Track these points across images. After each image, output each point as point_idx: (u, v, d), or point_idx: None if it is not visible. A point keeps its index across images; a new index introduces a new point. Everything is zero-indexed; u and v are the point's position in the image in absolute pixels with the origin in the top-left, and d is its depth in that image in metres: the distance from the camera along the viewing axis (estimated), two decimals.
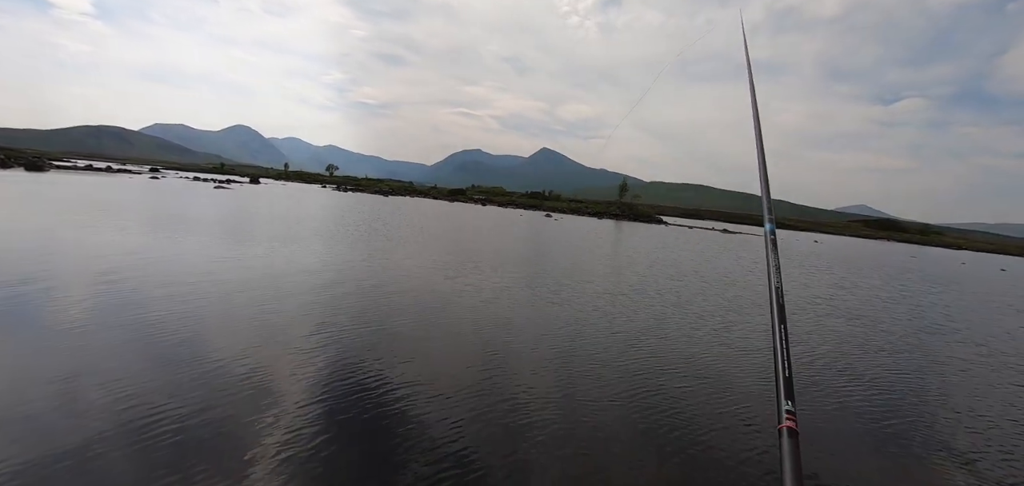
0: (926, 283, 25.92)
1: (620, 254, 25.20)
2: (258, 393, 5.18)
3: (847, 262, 36.37)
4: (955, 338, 11.85)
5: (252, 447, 4.19)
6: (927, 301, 18.50)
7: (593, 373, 6.83)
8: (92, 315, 7.15)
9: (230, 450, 4.13)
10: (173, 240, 14.59)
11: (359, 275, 12.33)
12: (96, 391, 4.87)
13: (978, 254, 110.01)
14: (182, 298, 8.31)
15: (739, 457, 4.83)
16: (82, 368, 5.39)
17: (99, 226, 15.91)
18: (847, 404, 6.66)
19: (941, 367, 9.11)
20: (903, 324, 13.06)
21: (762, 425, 5.58)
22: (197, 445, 4.13)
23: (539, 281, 14.10)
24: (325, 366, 6.11)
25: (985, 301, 20.83)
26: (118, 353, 5.94)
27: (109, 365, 5.53)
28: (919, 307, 16.61)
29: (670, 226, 69.36)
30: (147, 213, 22.05)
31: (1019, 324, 15.13)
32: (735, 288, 16.32)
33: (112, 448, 3.98)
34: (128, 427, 4.27)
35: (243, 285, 9.85)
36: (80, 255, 11.36)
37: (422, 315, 9.15)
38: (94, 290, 8.43)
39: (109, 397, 4.75)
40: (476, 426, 4.94)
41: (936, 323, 13.68)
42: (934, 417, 6.53)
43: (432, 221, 35.24)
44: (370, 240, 19.71)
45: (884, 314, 14.38)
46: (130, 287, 8.75)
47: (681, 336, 9.23)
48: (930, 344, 10.94)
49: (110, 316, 7.16)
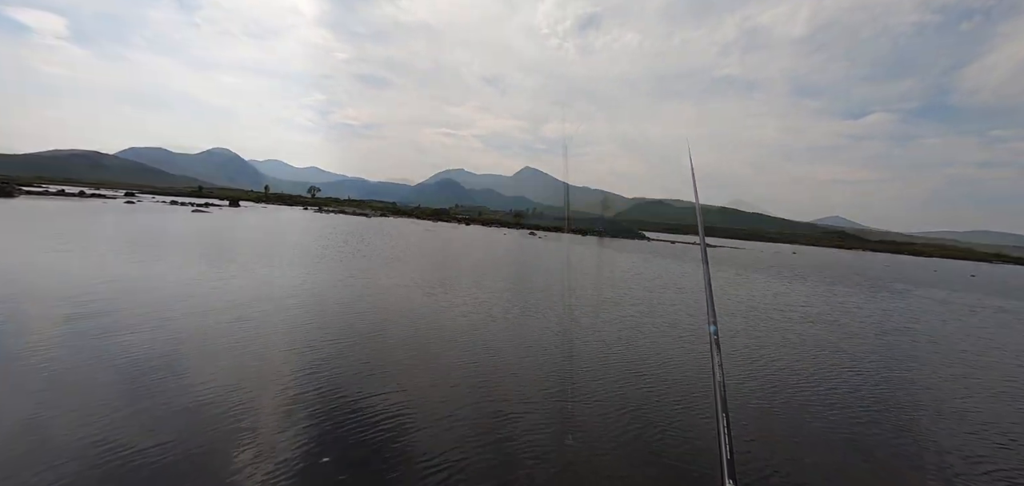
0: (907, 290, 26.66)
1: (603, 269, 25.42)
2: (245, 415, 5.07)
3: (825, 270, 37.16)
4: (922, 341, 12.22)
5: (241, 465, 4.09)
6: (915, 306, 19.01)
7: (587, 389, 6.85)
8: (63, 344, 6.93)
9: (217, 470, 4.03)
10: (149, 266, 14.24)
11: (341, 297, 12.18)
12: (73, 423, 4.71)
13: (950, 261, 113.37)
14: (158, 324, 8.11)
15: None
16: (54, 399, 5.21)
17: (67, 252, 15.46)
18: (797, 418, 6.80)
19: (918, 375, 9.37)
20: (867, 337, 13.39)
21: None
22: (178, 469, 4.02)
23: (523, 297, 14.12)
24: (311, 388, 6.01)
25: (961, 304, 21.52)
26: (90, 382, 5.75)
27: (80, 397, 5.36)
28: (887, 312, 17.07)
29: (653, 241, 70.24)
30: (124, 238, 21.51)
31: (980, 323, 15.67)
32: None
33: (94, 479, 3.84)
34: (106, 459, 4.13)
35: (222, 308, 9.65)
36: (46, 283, 11.01)
37: (405, 336, 9.07)
38: (65, 318, 8.16)
39: (86, 429, 4.60)
40: (468, 443, 4.91)
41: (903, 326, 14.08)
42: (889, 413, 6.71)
43: (414, 242, 35.08)
44: (351, 260, 19.53)
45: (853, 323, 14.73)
46: (101, 315, 8.50)
47: (652, 346, 9.33)
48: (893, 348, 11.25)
49: (82, 346, 6.94)
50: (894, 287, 29.40)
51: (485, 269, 21.19)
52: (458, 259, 25.16)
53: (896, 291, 26.72)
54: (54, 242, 17.63)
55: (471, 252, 30.08)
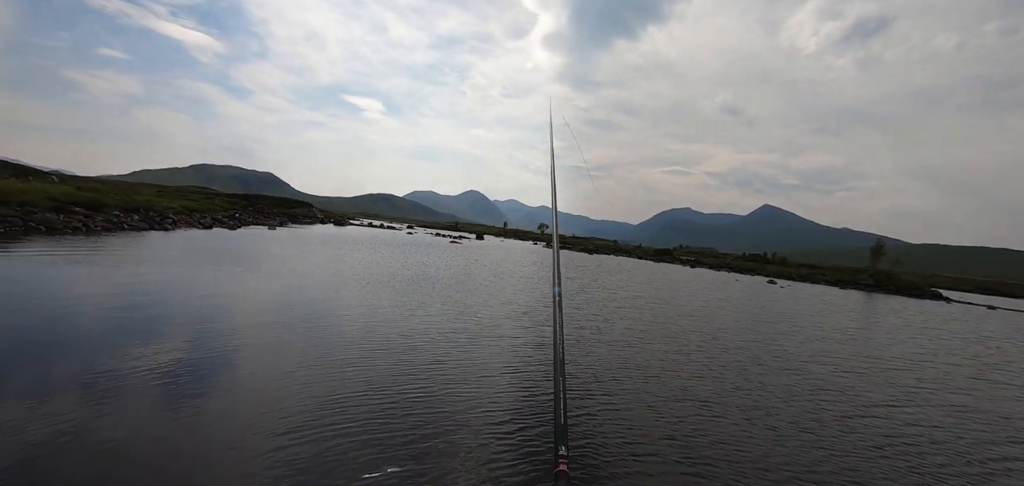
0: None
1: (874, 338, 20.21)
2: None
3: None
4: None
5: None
6: None
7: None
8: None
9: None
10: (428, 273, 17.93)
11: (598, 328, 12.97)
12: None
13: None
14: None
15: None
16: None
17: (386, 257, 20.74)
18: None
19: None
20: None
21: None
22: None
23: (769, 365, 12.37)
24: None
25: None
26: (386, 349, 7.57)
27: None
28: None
29: (955, 303, 51.72)
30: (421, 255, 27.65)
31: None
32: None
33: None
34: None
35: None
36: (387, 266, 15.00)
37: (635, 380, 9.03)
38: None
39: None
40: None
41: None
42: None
43: (635, 280, 34.61)
44: (576, 295, 20.55)
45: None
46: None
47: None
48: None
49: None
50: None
51: (710, 315, 19.41)
52: (685, 303, 23.74)
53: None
54: (385, 251, 23.78)
55: (698, 299, 27.97)
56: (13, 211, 21.85)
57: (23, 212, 22.25)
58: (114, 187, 42.80)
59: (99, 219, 26.21)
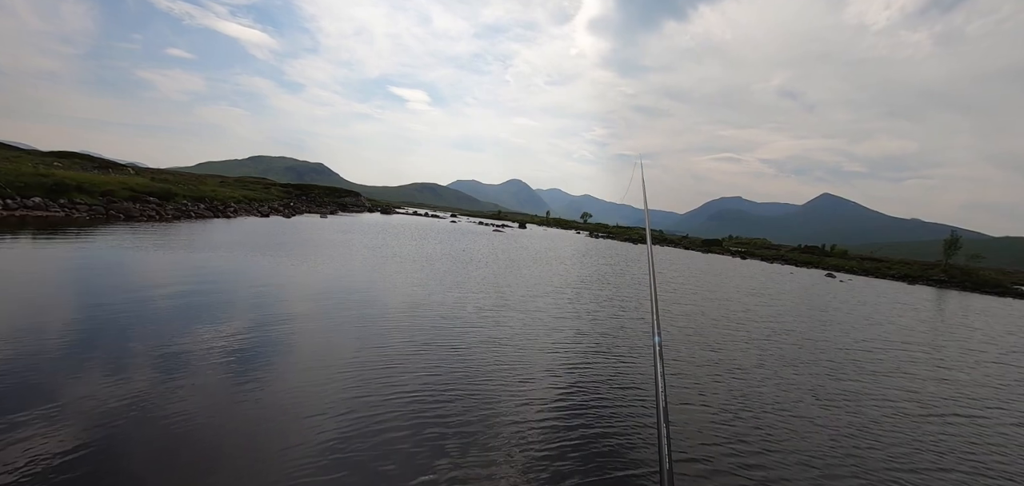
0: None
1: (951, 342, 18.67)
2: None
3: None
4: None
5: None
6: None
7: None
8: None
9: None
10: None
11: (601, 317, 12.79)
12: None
13: None
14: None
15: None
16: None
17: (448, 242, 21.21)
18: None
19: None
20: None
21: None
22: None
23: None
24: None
25: None
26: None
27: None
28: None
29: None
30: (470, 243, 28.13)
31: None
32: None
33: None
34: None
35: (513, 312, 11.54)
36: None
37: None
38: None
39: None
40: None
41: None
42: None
43: (681, 272, 33.62)
44: (615, 289, 20.21)
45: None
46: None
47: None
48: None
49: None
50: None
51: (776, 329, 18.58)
52: (744, 297, 22.88)
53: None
54: (422, 237, 24.35)
55: (749, 291, 26.86)
56: (97, 201, 24.06)
57: (106, 201, 24.45)
58: (182, 178, 45.95)
59: (170, 207, 28.32)
